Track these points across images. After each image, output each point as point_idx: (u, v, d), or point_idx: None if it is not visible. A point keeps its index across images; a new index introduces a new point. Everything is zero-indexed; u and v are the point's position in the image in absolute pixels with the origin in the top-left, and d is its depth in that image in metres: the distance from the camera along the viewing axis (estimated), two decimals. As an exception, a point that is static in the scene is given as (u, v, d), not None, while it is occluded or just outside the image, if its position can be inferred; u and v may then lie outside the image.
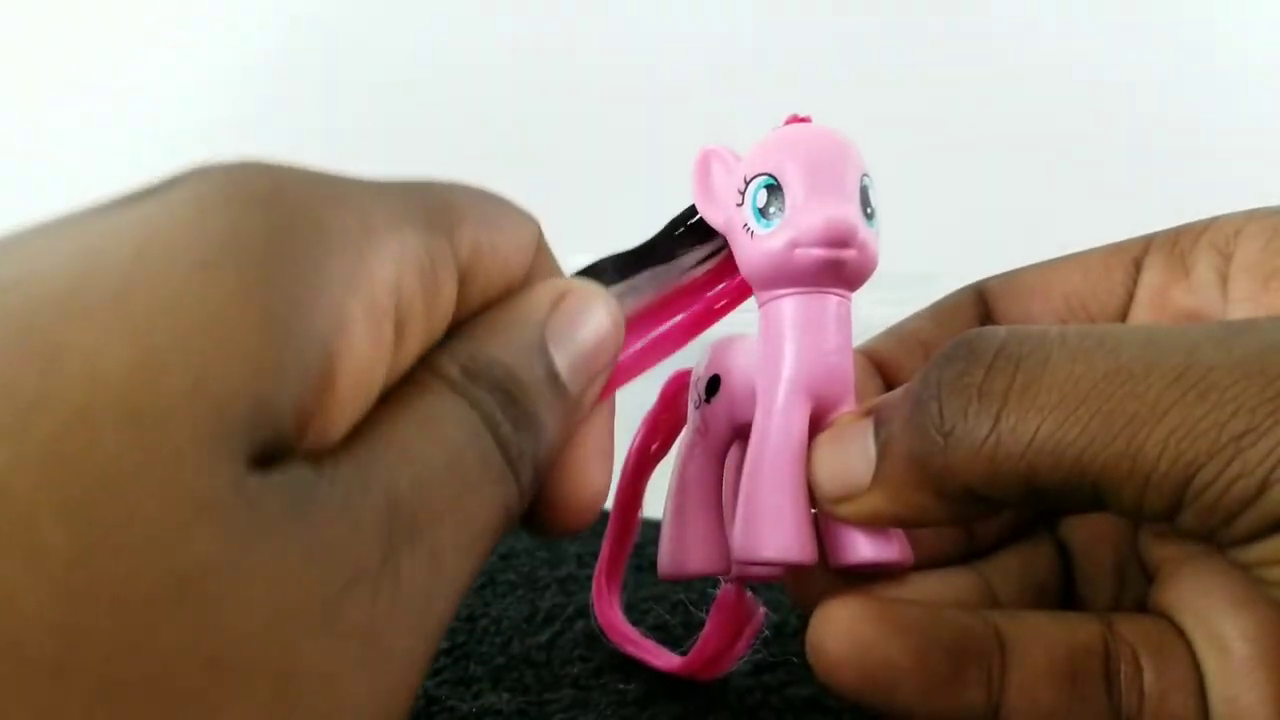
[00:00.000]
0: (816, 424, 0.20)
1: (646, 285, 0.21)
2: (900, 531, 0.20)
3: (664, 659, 0.26)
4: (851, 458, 0.19)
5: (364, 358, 0.15)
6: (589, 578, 0.33)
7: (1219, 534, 0.15)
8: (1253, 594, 0.19)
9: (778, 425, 0.20)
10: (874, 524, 0.19)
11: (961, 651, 0.19)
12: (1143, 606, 0.21)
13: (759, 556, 0.19)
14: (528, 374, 0.17)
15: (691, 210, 0.21)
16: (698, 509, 0.22)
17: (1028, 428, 0.16)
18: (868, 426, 0.19)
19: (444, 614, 0.15)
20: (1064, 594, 0.22)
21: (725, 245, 0.21)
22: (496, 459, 0.16)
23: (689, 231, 0.21)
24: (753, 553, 0.19)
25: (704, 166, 0.21)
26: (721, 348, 0.22)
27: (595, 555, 0.35)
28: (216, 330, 0.13)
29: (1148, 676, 0.19)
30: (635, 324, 0.20)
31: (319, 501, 0.13)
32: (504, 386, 0.17)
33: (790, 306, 0.20)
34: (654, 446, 0.25)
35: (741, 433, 0.22)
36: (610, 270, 0.21)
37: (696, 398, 0.22)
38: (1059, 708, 0.19)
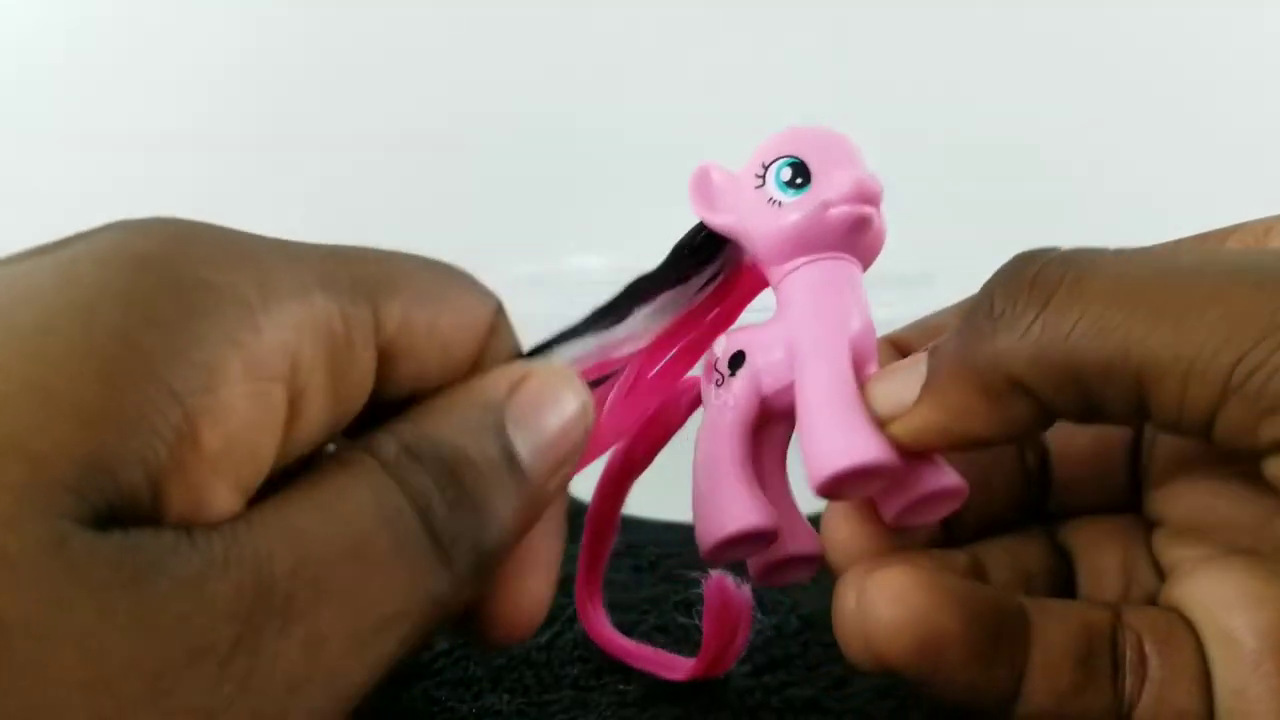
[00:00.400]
0: None
1: (670, 305, 0.21)
2: (949, 466, 0.20)
3: (669, 668, 0.26)
4: (905, 380, 0.19)
5: (242, 419, 0.14)
6: (589, 578, 0.33)
7: (1262, 431, 0.15)
8: (1267, 592, 0.19)
9: (830, 362, 0.20)
10: (923, 440, 0.19)
11: (1000, 626, 0.19)
12: (1151, 604, 0.21)
13: (840, 466, 0.19)
14: (479, 454, 0.16)
15: (693, 234, 0.22)
16: (733, 474, 0.22)
17: (1074, 312, 0.17)
18: (922, 356, 0.19)
19: (322, 706, 0.14)
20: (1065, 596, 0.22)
21: (725, 266, 0.22)
22: (421, 543, 0.15)
23: (693, 254, 0.22)
24: (832, 466, 0.19)
25: (701, 178, 0.22)
26: (735, 333, 0.22)
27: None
28: (43, 389, 0.12)
29: (1152, 664, 0.19)
30: (659, 345, 0.22)
31: (168, 570, 0.13)
32: (448, 465, 0.16)
33: (818, 270, 0.21)
34: (639, 455, 0.24)
35: (770, 405, 0.22)
36: (642, 291, 0.21)
37: (718, 378, 0.22)
38: (1072, 690, 0.19)
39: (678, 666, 0.26)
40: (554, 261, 0.44)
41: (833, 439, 0.19)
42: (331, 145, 0.57)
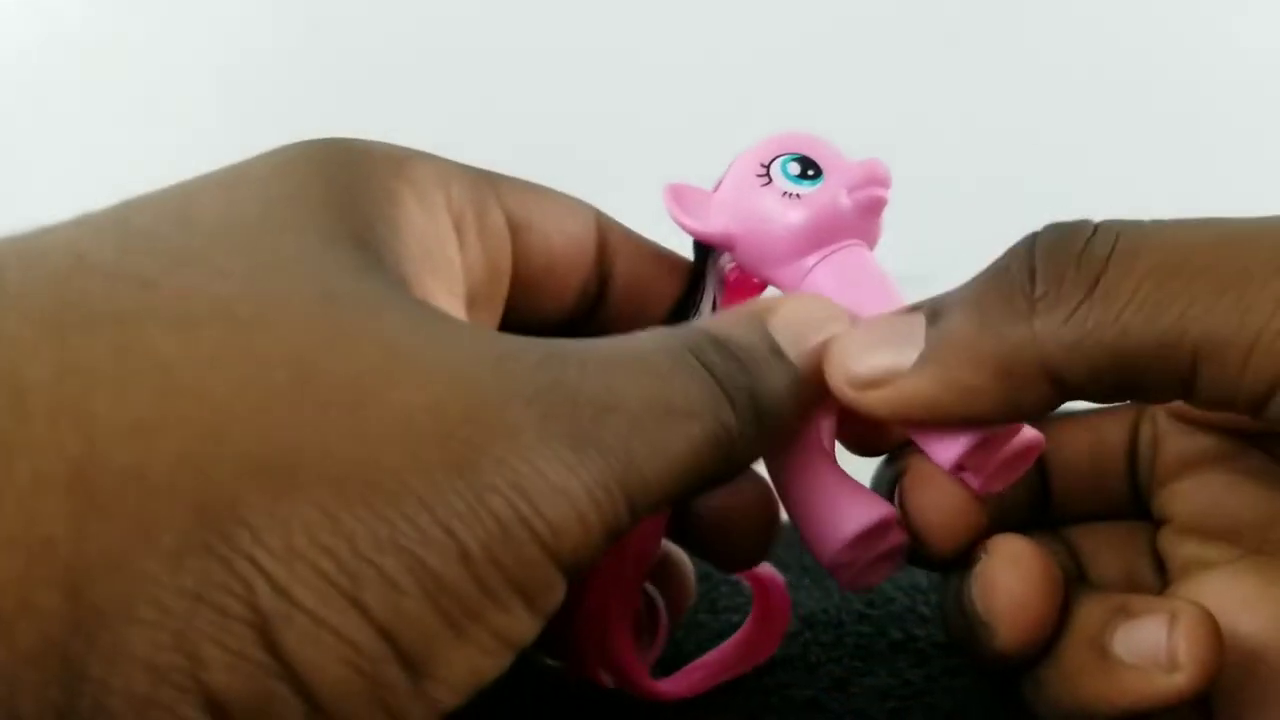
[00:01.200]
0: None
1: None
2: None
3: (729, 664, 0.25)
4: (894, 342, 0.18)
5: (420, 221, 0.18)
6: (588, 578, 0.33)
7: None
8: (1268, 593, 0.19)
9: None
10: (905, 413, 0.18)
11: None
12: None
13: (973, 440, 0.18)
14: (744, 338, 0.17)
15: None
16: (836, 471, 0.20)
17: (1127, 291, 0.15)
18: (915, 318, 0.18)
19: (628, 465, 0.15)
20: None
21: (704, 291, 0.22)
22: (697, 370, 0.16)
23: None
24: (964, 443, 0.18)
25: (676, 193, 0.21)
26: None
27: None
28: (293, 200, 0.17)
29: None
30: None
31: (453, 318, 0.16)
32: (718, 339, 0.17)
33: (853, 256, 0.21)
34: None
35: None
36: None
37: None
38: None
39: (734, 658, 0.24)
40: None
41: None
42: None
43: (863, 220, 0.21)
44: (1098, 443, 0.23)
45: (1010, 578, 0.18)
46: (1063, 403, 0.17)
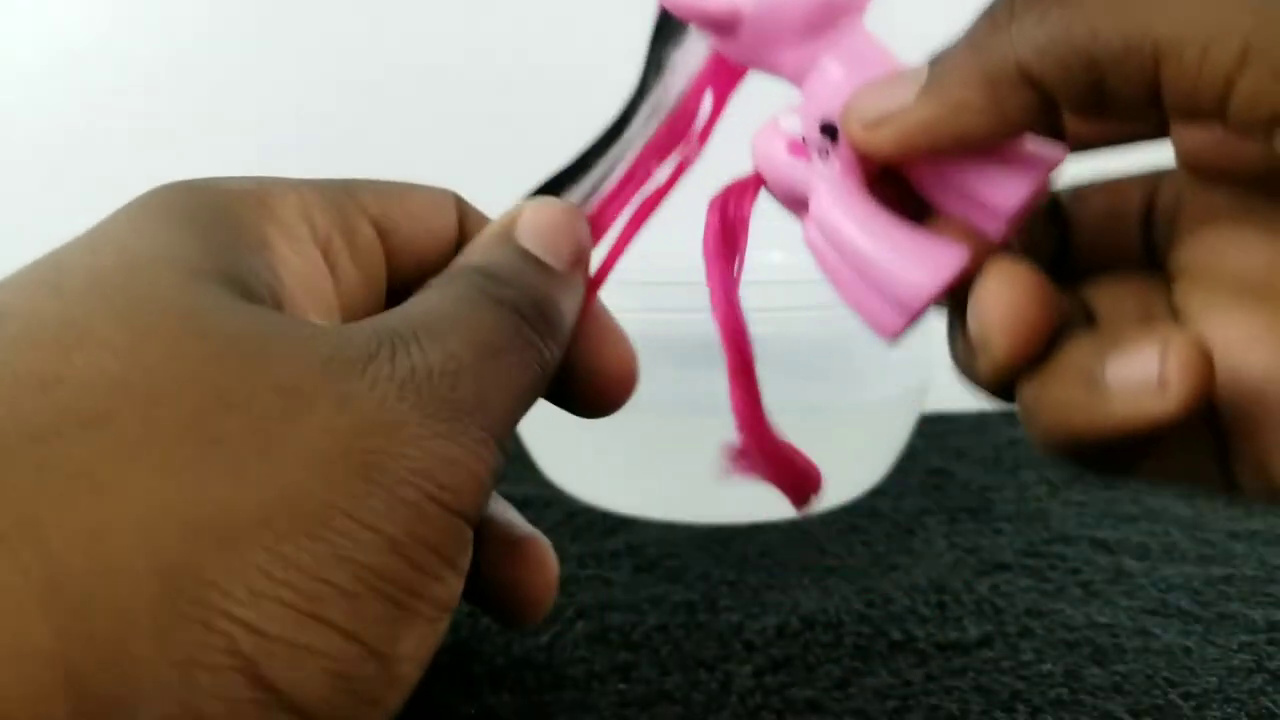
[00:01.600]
0: None
1: (654, 113, 0.22)
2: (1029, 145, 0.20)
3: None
4: (900, 84, 0.19)
5: (293, 260, 0.19)
6: (590, 578, 0.33)
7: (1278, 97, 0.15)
8: (1274, 325, 0.19)
9: None
10: (911, 140, 0.19)
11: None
12: None
13: (1036, 179, 0.19)
14: (505, 261, 0.20)
15: (655, 53, 0.22)
16: (903, 223, 0.20)
17: None
18: (923, 66, 0.19)
19: (474, 395, 0.17)
20: None
21: (683, 71, 0.22)
22: (502, 311, 0.19)
23: (656, 67, 0.22)
24: (1028, 185, 0.19)
25: None
26: (801, 108, 0.21)
27: (596, 556, 0.35)
28: (168, 242, 0.18)
29: None
30: (645, 155, 0.22)
31: (309, 323, 0.17)
32: (486, 273, 0.20)
33: (859, 37, 0.21)
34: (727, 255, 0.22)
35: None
36: (590, 153, 0.23)
37: (821, 149, 0.21)
38: None
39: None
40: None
41: (1006, 163, 0.19)
42: (337, 147, 0.57)
43: (868, 6, 0.21)
44: (1117, 200, 0.23)
45: (1002, 289, 0.19)
46: (1047, 116, 0.18)
